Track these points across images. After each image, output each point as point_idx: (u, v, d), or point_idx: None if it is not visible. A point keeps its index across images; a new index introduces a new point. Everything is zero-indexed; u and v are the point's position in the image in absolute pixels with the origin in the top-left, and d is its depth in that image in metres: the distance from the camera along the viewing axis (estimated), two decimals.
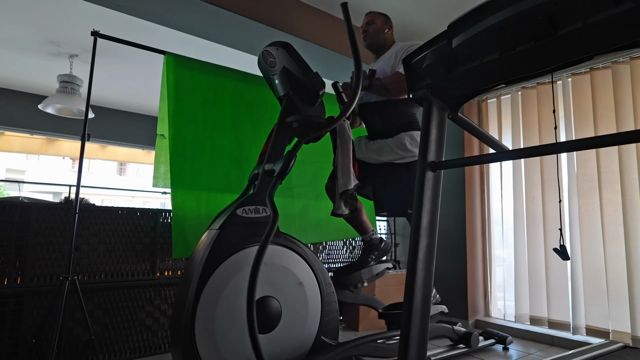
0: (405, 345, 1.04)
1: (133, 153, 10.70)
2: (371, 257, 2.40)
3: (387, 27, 2.45)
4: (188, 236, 2.26)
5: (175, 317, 1.62)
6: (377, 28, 2.41)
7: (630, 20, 0.76)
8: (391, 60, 2.32)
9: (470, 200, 3.37)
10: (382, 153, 2.29)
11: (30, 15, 3.13)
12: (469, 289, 3.22)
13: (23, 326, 2.01)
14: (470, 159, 1.89)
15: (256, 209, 1.75)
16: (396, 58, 2.29)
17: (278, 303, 1.70)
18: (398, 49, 2.32)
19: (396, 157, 2.24)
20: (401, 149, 2.23)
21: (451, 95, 1.15)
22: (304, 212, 2.82)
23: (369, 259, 2.38)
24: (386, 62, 2.34)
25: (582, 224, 2.70)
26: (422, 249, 1.09)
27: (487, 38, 0.95)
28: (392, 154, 2.25)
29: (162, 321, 2.40)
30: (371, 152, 2.34)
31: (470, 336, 2.42)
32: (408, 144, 2.23)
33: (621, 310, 2.50)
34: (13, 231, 2.06)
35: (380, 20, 2.43)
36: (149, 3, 2.32)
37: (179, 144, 2.35)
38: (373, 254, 2.41)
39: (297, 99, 1.93)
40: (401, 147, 2.23)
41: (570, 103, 2.85)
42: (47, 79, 4.41)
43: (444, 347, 2.42)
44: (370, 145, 2.35)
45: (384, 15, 2.47)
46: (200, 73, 2.49)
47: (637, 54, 2.57)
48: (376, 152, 2.31)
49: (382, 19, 2.45)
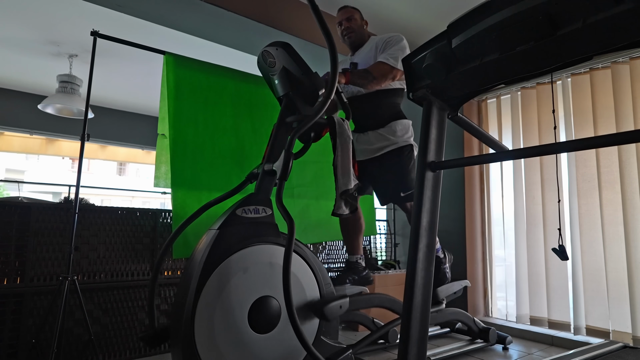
0: (405, 345, 1.04)
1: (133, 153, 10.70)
2: (350, 278, 2.29)
3: (364, 23, 2.50)
4: (189, 236, 2.26)
5: (175, 317, 1.62)
6: (358, 25, 2.45)
7: (630, 20, 0.76)
8: (372, 52, 2.35)
9: (470, 200, 3.37)
10: (374, 142, 2.32)
11: (30, 15, 3.13)
12: (469, 289, 3.22)
13: (23, 326, 2.01)
14: (470, 159, 1.90)
15: (256, 209, 1.75)
16: (377, 50, 2.33)
17: (278, 303, 1.70)
18: (377, 41, 2.36)
19: (388, 143, 2.29)
20: (392, 135, 2.29)
21: (451, 95, 1.15)
22: (304, 212, 2.82)
23: (347, 280, 2.28)
24: (367, 55, 2.37)
25: (582, 224, 2.70)
26: (422, 249, 1.09)
27: (487, 38, 0.95)
28: (385, 140, 2.30)
29: (162, 321, 2.40)
30: (363, 144, 2.36)
31: (489, 331, 2.49)
32: (399, 130, 2.30)
33: (621, 310, 2.50)
34: (13, 231, 2.06)
35: (358, 15, 2.46)
36: (149, 3, 2.33)
37: (180, 144, 2.35)
38: (353, 277, 2.31)
39: (297, 99, 1.93)
40: (392, 134, 2.29)
41: (570, 103, 2.85)
42: (47, 79, 4.41)
43: (443, 347, 2.42)
44: (361, 137, 2.38)
45: (357, 10, 2.49)
46: (200, 73, 2.49)
47: (637, 54, 2.57)
48: (367, 143, 2.35)
49: (359, 14, 2.48)
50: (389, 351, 2.42)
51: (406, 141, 2.30)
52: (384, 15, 3.01)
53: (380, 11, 2.96)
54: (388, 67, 2.19)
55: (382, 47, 2.30)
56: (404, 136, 2.30)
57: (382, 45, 2.31)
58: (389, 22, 3.07)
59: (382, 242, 3.94)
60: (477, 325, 2.53)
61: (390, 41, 2.29)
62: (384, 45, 2.30)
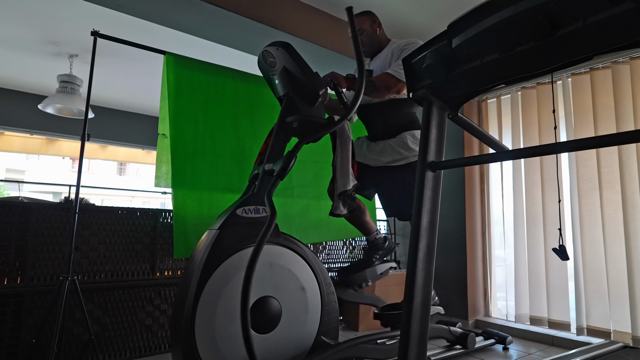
0: (405, 345, 1.04)
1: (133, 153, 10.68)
2: (375, 257, 2.40)
3: (377, 26, 2.35)
4: (189, 236, 2.26)
5: (175, 317, 1.62)
6: (369, 34, 2.32)
7: (630, 20, 0.76)
8: (387, 59, 2.27)
9: (470, 200, 3.37)
10: (384, 154, 2.27)
11: (30, 15, 3.13)
12: (469, 289, 3.22)
13: (23, 326, 2.01)
14: (470, 159, 1.89)
15: (256, 209, 1.75)
16: (392, 57, 2.24)
17: (278, 303, 1.70)
18: (394, 48, 2.27)
19: (399, 157, 2.23)
20: (404, 148, 2.21)
21: (451, 95, 1.15)
22: (304, 212, 2.82)
23: (373, 259, 2.38)
24: (383, 62, 2.30)
25: (582, 224, 2.70)
26: (422, 249, 1.09)
27: (487, 38, 0.95)
28: (395, 154, 2.23)
29: (162, 321, 2.40)
30: (373, 153, 2.32)
31: (467, 337, 2.41)
32: (410, 142, 2.21)
33: (622, 310, 2.50)
34: (13, 231, 2.06)
35: (367, 23, 2.32)
36: (149, 3, 2.32)
37: (180, 144, 2.35)
38: (377, 253, 2.41)
39: (297, 99, 1.93)
40: (404, 147, 2.22)
41: (570, 103, 2.85)
42: (47, 79, 4.41)
43: (443, 348, 2.42)
44: (372, 146, 2.33)
45: (369, 15, 2.35)
46: (200, 73, 2.49)
47: (637, 54, 2.57)
48: (379, 154, 2.30)
49: (369, 21, 2.33)
50: None
51: (416, 156, 2.18)
52: (384, 15, 2.99)
53: (380, 11, 2.94)
54: (393, 80, 2.09)
55: (398, 55, 2.20)
56: (416, 149, 2.20)
57: (397, 53, 2.20)
58: (389, 22, 3.07)
59: None
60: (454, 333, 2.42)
61: (406, 49, 2.18)
62: (399, 54, 2.19)
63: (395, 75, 2.10)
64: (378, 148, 2.31)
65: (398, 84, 2.10)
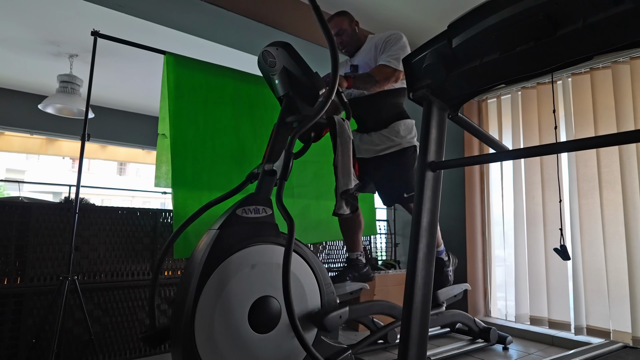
0: (405, 345, 1.04)
1: (133, 153, 10.69)
2: (350, 275, 2.31)
3: (355, 25, 2.43)
4: (189, 236, 2.26)
5: (175, 317, 1.62)
6: (349, 34, 2.39)
7: (630, 20, 0.76)
8: (371, 52, 2.33)
9: (470, 200, 3.37)
10: (377, 143, 2.32)
11: (30, 15, 3.13)
12: (468, 289, 3.21)
13: (23, 326, 2.01)
14: (470, 159, 1.90)
15: (256, 209, 1.75)
16: (377, 50, 2.30)
17: (278, 303, 1.70)
18: (376, 41, 2.33)
19: (391, 144, 2.28)
20: (396, 136, 2.29)
21: (451, 95, 1.15)
22: (304, 212, 2.82)
23: (347, 277, 2.29)
24: (367, 55, 2.35)
25: (582, 224, 2.70)
26: (422, 249, 1.09)
27: (487, 38, 0.95)
28: (388, 142, 2.29)
29: (162, 321, 2.40)
30: (366, 144, 2.36)
31: (489, 331, 2.49)
32: (402, 130, 2.29)
33: (622, 310, 2.50)
34: (13, 231, 2.06)
35: (346, 22, 2.39)
36: (149, 3, 2.33)
37: (180, 144, 2.35)
38: (353, 274, 2.32)
39: (297, 99, 1.93)
40: (396, 135, 2.29)
41: (571, 103, 2.85)
42: (47, 79, 4.41)
43: (443, 348, 2.42)
44: (365, 137, 2.38)
45: (346, 15, 2.42)
46: (200, 73, 2.49)
47: (637, 54, 2.57)
48: (371, 144, 2.35)
49: (347, 20, 2.40)
50: (389, 351, 2.42)
51: (409, 142, 2.29)
52: (384, 15, 3.00)
53: (380, 11, 2.96)
54: (390, 70, 2.17)
55: (382, 47, 2.27)
56: (407, 137, 2.29)
57: (381, 45, 2.28)
58: (389, 22, 3.07)
59: (382, 242, 3.95)
60: (478, 325, 2.53)
61: (390, 40, 2.27)
62: (384, 45, 2.27)
63: (390, 64, 2.18)
64: (370, 139, 2.36)
65: (395, 72, 2.19)
